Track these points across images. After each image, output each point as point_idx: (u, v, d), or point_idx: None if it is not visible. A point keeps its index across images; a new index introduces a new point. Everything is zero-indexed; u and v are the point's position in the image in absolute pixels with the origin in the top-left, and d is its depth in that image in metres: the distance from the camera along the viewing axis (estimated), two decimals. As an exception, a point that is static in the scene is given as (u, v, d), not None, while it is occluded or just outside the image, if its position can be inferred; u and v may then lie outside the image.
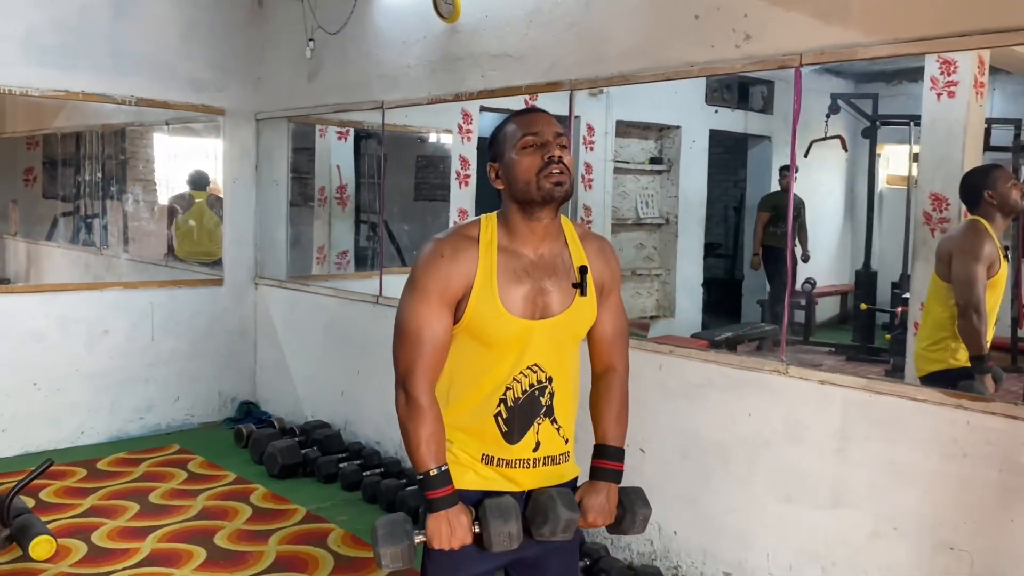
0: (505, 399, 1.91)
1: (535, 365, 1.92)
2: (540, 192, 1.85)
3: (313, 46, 5.17)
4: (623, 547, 3.73)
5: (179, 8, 5.39)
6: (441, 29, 4.41)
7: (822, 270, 8.49)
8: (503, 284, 1.88)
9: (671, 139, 8.06)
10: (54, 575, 3.46)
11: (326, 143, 6.45)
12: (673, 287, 8.08)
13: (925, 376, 3.39)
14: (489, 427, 1.92)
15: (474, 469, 1.95)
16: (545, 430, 1.95)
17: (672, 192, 8.09)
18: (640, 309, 7.93)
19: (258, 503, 4.32)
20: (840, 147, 8.16)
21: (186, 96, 5.48)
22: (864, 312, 7.53)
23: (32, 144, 8.66)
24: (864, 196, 8.12)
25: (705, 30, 3.34)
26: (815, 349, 7.45)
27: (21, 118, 8.17)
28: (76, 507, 4.20)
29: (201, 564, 3.62)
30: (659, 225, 8.10)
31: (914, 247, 4.94)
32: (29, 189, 8.85)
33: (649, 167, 8.04)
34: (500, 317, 1.87)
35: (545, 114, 1.95)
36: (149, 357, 5.44)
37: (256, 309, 5.89)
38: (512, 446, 1.93)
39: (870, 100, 7.63)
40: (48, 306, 5.05)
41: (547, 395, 1.94)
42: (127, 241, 7.26)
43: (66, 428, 5.12)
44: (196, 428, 5.64)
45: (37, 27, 4.85)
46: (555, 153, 1.86)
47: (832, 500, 3.06)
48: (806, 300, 7.76)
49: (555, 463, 1.98)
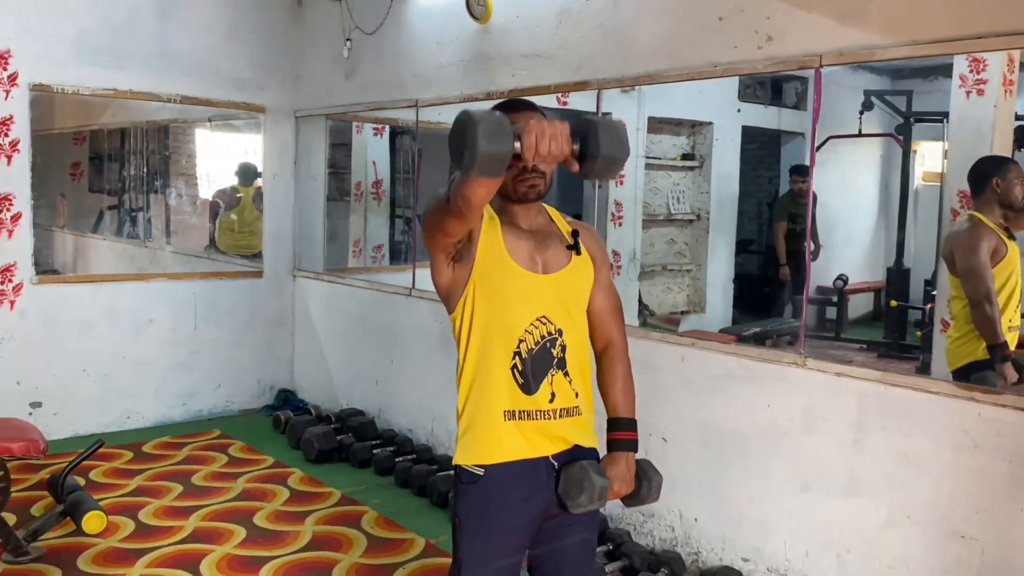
0: (519, 351, 2.02)
1: (544, 317, 2.03)
2: (516, 193, 2.03)
3: (350, 46, 5.33)
4: (645, 532, 3.85)
5: (222, 10, 5.58)
6: (473, 29, 4.54)
7: (855, 267, 8.48)
8: (507, 241, 2.03)
9: (703, 135, 8.10)
10: (104, 549, 3.66)
11: (362, 139, 6.61)
12: (704, 283, 8.13)
13: (956, 370, 3.44)
14: (507, 381, 2.02)
15: (499, 435, 2.02)
16: (559, 382, 2.05)
17: (704, 188, 8.13)
18: (671, 304, 7.99)
19: (295, 486, 4.50)
20: (874, 144, 8.16)
21: (228, 94, 5.68)
22: (896, 309, 7.53)
23: (79, 139, 8.94)
24: (907, 193, 8.09)
25: (728, 31, 3.43)
26: (846, 346, 7.46)
27: (69, 114, 8.42)
28: (124, 487, 4.41)
29: (241, 542, 3.80)
30: (690, 221, 8.15)
31: (940, 244, 4.98)
32: (76, 183, 9.13)
33: (681, 163, 8.09)
34: (506, 265, 2.01)
35: (529, 108, 2.06)
36: (192, 346, 5.65)
37: (294, 300, 6.08)
38: (529, 397, 2.02)
39: (904, 97, 7.62)
40: (96, 296, 5.28)
41: (558, 347, 2.05)
42: (170, 234, 7.49)
43: (113, 413, 5.35)
44: (236, 415, 5.84)
45: (88, 29, 5.07)
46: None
47: (847, 490, 3.15)
48: (837, 297, 7.78)
49: (570, 415, 2.07)
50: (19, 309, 4.95)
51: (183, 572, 3.49)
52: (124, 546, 3.70)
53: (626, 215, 6.98)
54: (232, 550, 3.71)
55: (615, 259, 6.81)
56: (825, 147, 7.90)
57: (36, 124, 8.31)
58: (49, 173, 8.89)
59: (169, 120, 7.19)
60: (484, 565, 2.09)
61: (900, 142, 7.80)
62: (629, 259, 7.02)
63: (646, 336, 3.83)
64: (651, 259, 7.75)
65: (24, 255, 4.95)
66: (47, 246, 8.86)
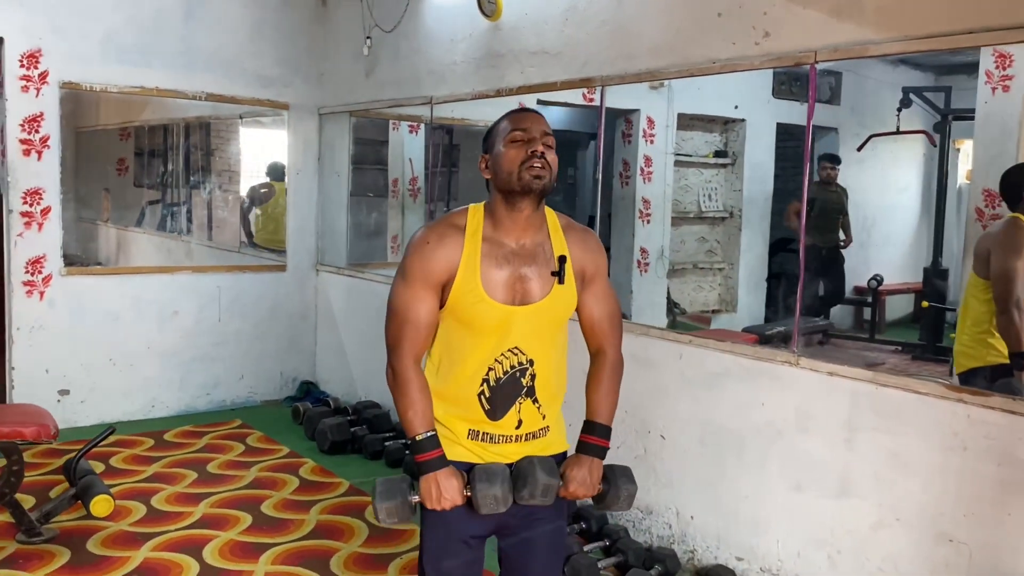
0: (488, 379, 2.04)
1: (516, 348, 2.04)
2: (520, 183, 1.98)
3: (370, 43, 5.41)
4: (643, 529, 3.85)
5: (247, 8, 5.70)
6: (485, 27, 4.57)
7: (894, 267, 8.33)
8: (485, 271, 2.01)
9: (736, 132, 8.02)
10: (114, 532, 3.78)
11: (399, 136, 6.67)
12: (736, 281, 8.05)
13: (964, 372, 3.38)
14: (474, 404, 2.06)
15: (462, 443, 2.09)
16: (526, 409, 2.08)
17: (736, 185, 8.05)
18: (702, 303, 7.93)
19: (306, 476, 4.59)
20: (916, 141, 8.01)
21: (253, 91, 5.80)
22: (931, 311, 7.38)
23: (124, 135, 9.19)
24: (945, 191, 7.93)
25: (727, 27, 3.42)
26: (880, 348, 7.34)
27: (113, 111, 8.68)
28: (141, 473, 4.55)
29: (246, 529, 3.89)
30: (722, 219, 8.08)
31: (965, 244, 4.88)
32: (121, 178, 9.40)
33: (713, 160, 8.03)
34: (481, 302, 2.00)
35: (537, 114, 2.09)
36: (216, 337, 5.79)
37: (317, 294, 6.19)
38: (495, 423, 2.06)
39: (943, 93, 7.47)
40: (123, 288, 5.44)
41: (528, 376, 2.06)
42: (210, 228, 7.67)
43: (138, 401, 5.51)
44: (258, 405, 5.97)
45: (116, 28, 5.22)
46: (539, 148, 2.00)
47: (839, 489, 3.12)
48: (872, 297, 7.65)
49: (536, 438, 2.11)
50: (48, 299, 5.13)
51: (186, 556, 3.59)
52: (133, 530, 3.82)
53: (654, 212, 6.95)
54: (236, 536, 3.81)
55: (642, 256, 6.79)
56: (865, 145, 7.79)
57: (81, 120, 8.59)
58: (94, 168, 9.18)
59: (211, 116, 7.36)
60: (444, 550, 2.13)
61: (933, 140, 7.64)
62: (657, 257, 6.99)
63: (645, 333, 3.83)
64: (681, 257, 7.70)
65: (53, 247, 5.12)
66: (92, 240, 9.16)
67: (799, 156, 9.40)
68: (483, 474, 2.00)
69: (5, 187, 4.99)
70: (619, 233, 6.79)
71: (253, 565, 3.54)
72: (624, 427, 3.89)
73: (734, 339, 4.56)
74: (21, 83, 4.94)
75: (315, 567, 3.52)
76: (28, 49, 4.93)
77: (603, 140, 4.14)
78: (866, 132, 7.74)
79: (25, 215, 5.02)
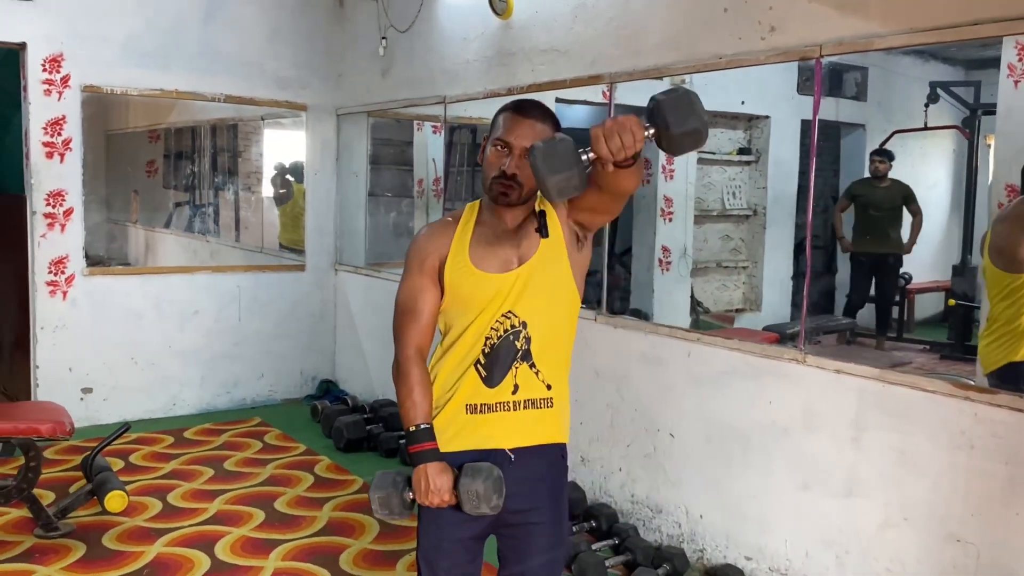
0: (484, 348, 2.06)
1: (508, 312, 2.05)
2: (490, 193, 2.06)
3: (386, 44, 5.44)
4: (653, 528, 3.83)
5: (265, 11, 5.76)
6: (496, 26, 4.58)
7: (924, 265, 8.20)
8: (474, 248, 2.07)
9: (760, 129, 7.95)
10: (129, 528, 3.84)
11: (423, 137, 6.70)
12: (760, 280, 7.98)
13: (991, 372, 3.32)
14: (470, 375, 2.06)
15: (457, 427, 2.06)
16: (523, 373, 2.07)
17: (760, 183, 7.98)
18: (726, 302, 7.87)
19: (321, 473, 4.63)
20: (946, 137, 7.90)
21: (271, 93, 5.86)
22: (960, 309, 7.25)
23: (154, 138, 9.34)
24: (974, 187, 7.80)
25: (733, 23, 3.39)
26: (908, 347, 7.24)
27: (141, 114, 8.81)
28: (159, 470, 4.61)
29: (258, 525, 3.93)
30: (746, 216, 8.01)
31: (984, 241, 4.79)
32: (151, 180, 9.54)
33: (737, 157, 7.96)
34: (471, 274, 2.05)
35: (529, 121, 2.04)
36: (236, 336, 5.85)
37: (336, 293, 6.24)
38: (491, 390, 2.06)
39: (972, 88, 7.35)
40: (145, 288, 5.52)
41: (522, 339, 2.06)
42: (238, 229, 7.76)
43: (160, 399, 5.59)
44: (278, 404, 6.03)
45: (136, 31, 5.30)
46: (509, 169, 2.00)
47: (846, 489, 3.08)
48: (901, 296, 7.55)
49: (536, 407, 2.08)
50: (71, 299, 5.22)
51: (198, 552, 3.64)
52: (148, 525, 3.88)
53: (676, 210, 6.91)
54: (248, 532, 3.85)
55: (664, 255, 6.76)
56: (891, 142, 7.67)
57: (112, 123, 8.71)
58: (124, 170, 9.33)
59: (235, 118, 7.45)
60: (438, 550, 2.13)
61: (967, 135, 7.51)
62: (680, 255, 6.95)
63: (654, 331, 3.81)
64: (705, 255, 7.65)
65: (76, 248, 5.21)
66: (122, 240, 9.31)
67: (827, 153, 9.29)
68: (468, 470, 1.99)
69: (29, 189, 5.09)
70: (640, 231, 6.76)
71: (264, 561, 3.58)
72: (634, 425, 3.88)
73: (752, 338, 4.53)
74: (44, 87, 5.03)
75: (324, 563, 3.55)
76: (50, 54, 5.03)
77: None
78: (893, 128, 7.63)
79: (48, 216, 5.11)
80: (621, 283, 6.54)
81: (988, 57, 7.43)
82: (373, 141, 6.22)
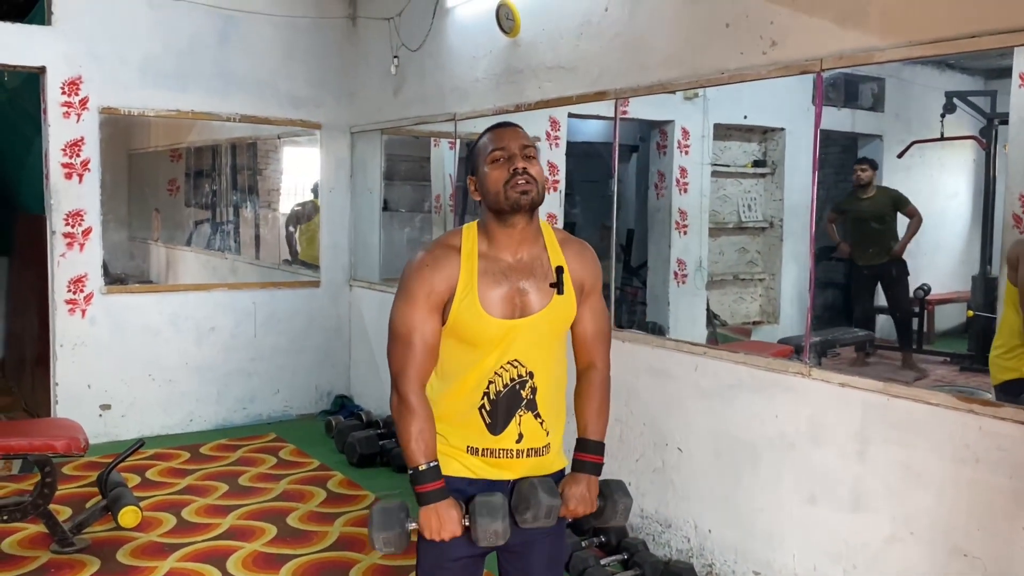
0: (488, 392, 2.05)
1: (515, 360, 2.04)
2: (508, 202, 2.00)
3: (398, 63, 5.50)
4: (663, 543, 3.82)
5: (280, 31, 5.85)
6: (504, 43, 4.62)
7: (943, 276, 8.13)
8: (483, 288, 2.02)
9: (775, 141, 7.94)
10: (144, 543, 3.89)
11: (439, 153, 6.76)
12: (778, 292, 7.94)
13: (1000, 384, 3.30)
14: (474, 419, 2.06)
15: (460, 459, 2.08)
16: (527, 422, 2.07)
17: (776, 195, 7.96)
18: (743, 315, 7.83)
19: (333, 488, 4.66)
20: (965, 147, 7.84)
21: (286, 112, 5.94)
22: (979, 320, 7.17)
23: (176, 156, 9.47)
24: (998, 198, 7.73)
25: (735, 38, 3.41)
26: (927, 359, 7.17)
27: (162, 133, 8.94)
28: (174, 485, 4.67)
29: (270, 540, 3.97)
30: (763, 229, 7.98)
31: (1001, 251, 4.77)
32: (172, 198, 9.67)
33: (752, 170, 7.94)
34: (480, 319, 2.01)
35: (514, 128, 2.09)
36: (252, 352, 5.92)
37: (351, 309, 6.29)
38: (495, 437, 2.06)
39: (988, 98, 7.31)
40: (162, 305, 5.61)
41: (528, 389, 2.06)
42: (257, 247, 7.85)
43: (177, 415, 5.66)
44: (294, 419, 6.08)
45: (153, 53, 5.41)
46: (519, 165, 2.01)
47: (853, 502, 3.07)
48: (920, 307, 7.49)
49: (538, 455, 2.11)
50: (90, 317, 5.31)
51: (210, 567, 3.68)
52: (162, 540, 3.93)
53: (691, 223, 6.91)
54: (260, 548, 3.89)
55: (680, 267, 6.75)
56: (910, 152, 7.64)
57: (134, 143, 8.85)
58: (145, 189, 9.47)
59: (253, 137, 7.55)
60: (440, 567, 2.14)
61: (984, 144, 7.46)
62: (695, 269, 6.94)
63: (661, 345, 3.82)
64: (721, 268, 7.63)
65: (95, 266, 5.30)
66: (143, 258, 9.44)
67: (842, 163, 9.27)
68: (483, 508, 1.98)
69: (48, 209, 5.19)
70: (656, 245, 6.77)
71: (274, 576, 3.62)
72: (642, 440, 3.88)
73: (766, 350, 4.51)
74: (63, 109, 5.14)
75: (334, 578, 3.59)
76: (69, 77, 5.13)
77: (617, 152, 4.13)
78: (911, 139, 7.59)
79: (67, 236, 5.21)
80: (638, 296, 6.56)
81: (1004, 67, 7.38)
82: (391, 157, 6.28)
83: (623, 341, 3.99)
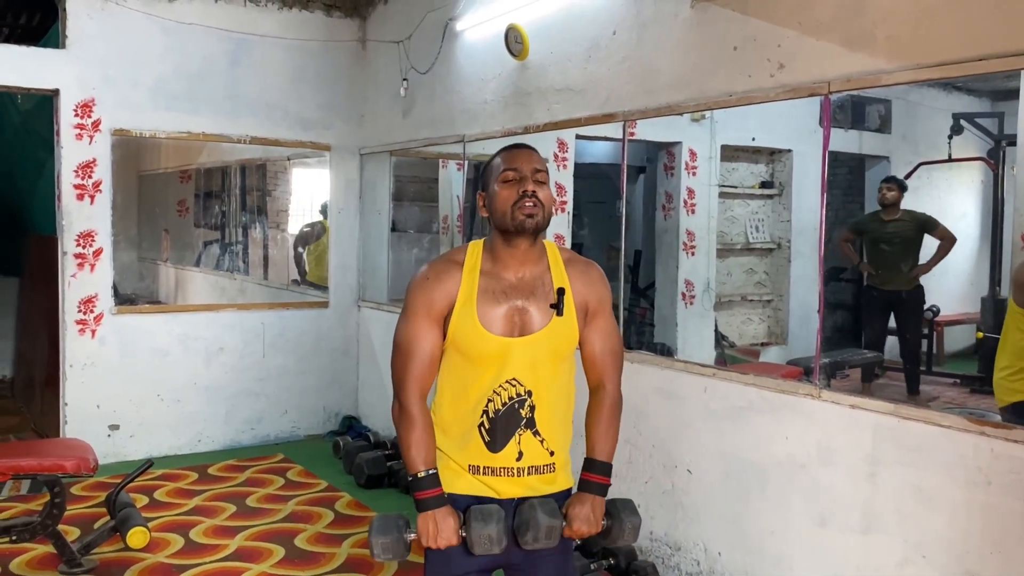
0: (487, 410, 2.08)
1: (513, 379, 2.07)
2: (514, 223, 2.04)
3: (407, 85, 5.54)
4: (672, 566, 3.80)
5: (289, 54, 5.90)
6: (513, 66, 4.66)
7: (954, 297, 8.11)
8: (482, 304, 2.06)
9: (783, 162, 7.95)
10: (151, 564, 3.89)
11: (447, 174, 6.80)
12: (786, 313, 7.92)
13: (1005, 407, 3.29)
14: (474, 437, 2.09)
15: (464, 477, 2.11)
16: (527, 441, 2.09)
17: (784, 216, 7.96)
18: (751, 336, 7.81)
19: (341, 509, 4.65)
20: (973, 168, 7.85)
21: (296, 134, 5.99)
22: (988, 341, 7.13)
23: (185, 178, 9.54)
24: (1006, 219, 7.71)
25: (743, 60, 3.43)
26: (938, 380, 7.14)
27: (173, 155, 9.01)
28: (182, 506, 4.66)
29: (278, 562, 3.96)
30: (770, 250, 7.98)
31: (1010, 272, 4.76)
32: (182, 219, 9.73)
33: (759, 191, 7.95)
34: (478, 334, 2.05)
35: (529, 150, 2.13)
36: (260, 373, 5.93)
37: (359, 330, 6.30)
38: (495, 455, 2.09)
39: (996, 119, 7.31)
40: (170, 325, 5.62)
41: (527, 408, 2.08)
42: (266, 267, 7.88)
43: (185, 436, 5.66)
44: (302, 440, 6.08)
45: (164, 76, 5.46)
46: (529, 188, 2.04)
47: (863, 525, 3.05)
48: (929, 328, 7.46)
49: (540, 472, 2.12)
50: (99, 337, 5.33)
51: (218, 588, 3.67)
52: (170, 561, 3.92)
53: (699, 244, 6.91)
54: (268, 569, 3.88)
55: (688, 289, 6.75)
56: (917, 173, 7.64)
57: (144, 164, 8.91)
58: (155, 210, 9.52)
59: (263, 159, 7.59)
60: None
61: (992, 166, 7.46)
62: (703, 289, 6.94)
63: (670, 366, 3.82)
64: (728, 289, 7.62)
65: (105, 287, 5.33)
66: (152, 279, 9.48)
67: (849, 184, 9.26)
68: (477, 513, 2.01)
69: (60, 230, 5.22)
70: (663, 266, 6.77)
71: (282, 597, 3.60)
72: (652, 462, 3.87)
73: (775, 372, 4.50)
74: (75, 131, 5.19)
75: (342, 600, 3.57)
76: (82, 99, 5.19)
77: (625, 173, 4.14)
78: (918, 160, 7.59)
79: (78, 256, 5.24)
80: (646, 317, 6.55)
81: (1011, 88, 7.38)
82: (399, 178, 6.31)
83: (631, 362, 3.98)
